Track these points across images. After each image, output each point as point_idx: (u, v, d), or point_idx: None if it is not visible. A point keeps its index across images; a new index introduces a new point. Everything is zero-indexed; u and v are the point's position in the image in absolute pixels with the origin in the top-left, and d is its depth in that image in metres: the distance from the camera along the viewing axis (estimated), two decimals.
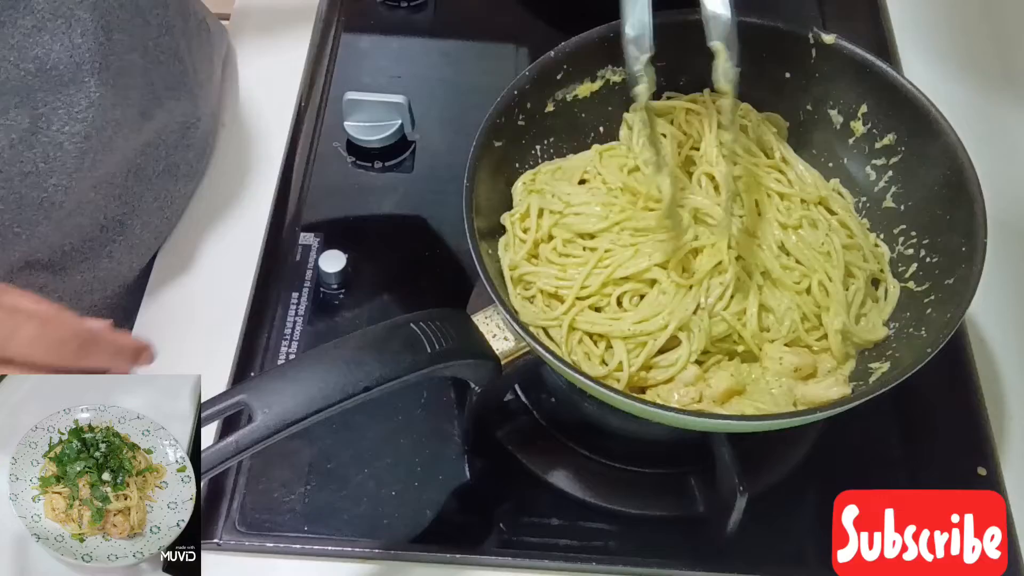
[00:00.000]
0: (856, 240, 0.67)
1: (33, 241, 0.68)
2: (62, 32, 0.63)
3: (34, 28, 0.61)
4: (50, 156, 0.65)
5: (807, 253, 0.64)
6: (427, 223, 0.80)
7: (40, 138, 0.64)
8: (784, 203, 0.67)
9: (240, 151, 0.84)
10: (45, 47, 0.62)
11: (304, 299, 0.75)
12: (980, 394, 0.71)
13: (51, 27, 0.62)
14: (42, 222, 0.67)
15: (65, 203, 0.68)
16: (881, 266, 0.67)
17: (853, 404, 0.57)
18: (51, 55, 0.63)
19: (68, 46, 0.63)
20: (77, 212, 0.70)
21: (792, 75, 0.71)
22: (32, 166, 0.65)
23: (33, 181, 0.65)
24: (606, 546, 0.65)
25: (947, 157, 0.64)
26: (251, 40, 0.91)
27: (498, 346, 0.59)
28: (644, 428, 0.59)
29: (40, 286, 0.71)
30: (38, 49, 0.62)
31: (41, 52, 0.62)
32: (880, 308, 0.66)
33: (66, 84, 0.64)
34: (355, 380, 0.53)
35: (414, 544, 0.65)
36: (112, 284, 0.75)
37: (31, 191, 0.65)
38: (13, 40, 0.61)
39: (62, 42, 0.63)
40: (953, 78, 0.89)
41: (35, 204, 0.66)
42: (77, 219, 0.70)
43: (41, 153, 0.65)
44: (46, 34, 0.62)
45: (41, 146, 0.65)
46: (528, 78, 0.68)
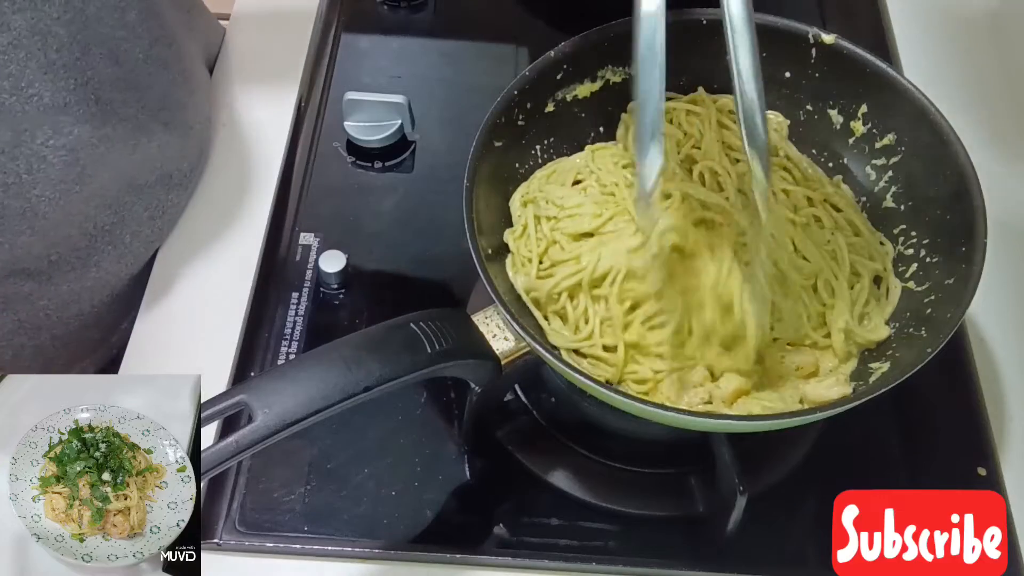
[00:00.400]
0: (863, 238, 0.67)
1: (16, 251, 0.67)
2: (37, 49, 0.62)
3: (9, 45, 0.60)
4: (33, 168, 0.64)
5: (813, 251, 0.64)
6: (427, 223, 0.80)
7: (23, 150, 0.63)
8: (791, 201, 0.67)
9: (240, 151, 0.84)
10: (20, 64, 0.61)
11: (304, 299, 0.75)
12: (980, 394, 0.71)
13: (27, 44, 0.61)
14: (25, 232, 0.66)
15: (50, 214, 0.67)
16: (885, 264, 0.67)
17: (853, 404, 0.57)
18: (25, 73, 0.62)
19: (43, 63, 0.62)
20: (65, 223, 0.69)
21: (792, 75, 0.71)
22: (15, 177, 0.64)
23: (16, 191, 0.64)
24: (606, 546, 0.65)
25: (947, 157, 0.64)
26: (251, 40, 0.91)
27: (498, 346, 0.59)
28: (644, 428, 0.59)
29: (26, 295, 0.70)
30: (12, 67, 0.61)
31: (15, 70, 0.61)
32: (882, 307, 0.66)
33: (46, 104, 0.63)
34: (355, 380, 0.53)
35: (414, 544, 0.65)
36: (100, 293, 0.75)
37: (13, 201, 0.64)
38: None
39: (37, 59, 0.62)
40: (953, 78, 0.89)
41: (17, 214, 0.65)
42: (65, 230, 0.69)
43: (24, 164, 0.64)
44: (21, 51, 0.61)
45: (24, 158, 0.64)
46: (528, 78, 0.68)
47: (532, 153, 0.70)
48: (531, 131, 0.69)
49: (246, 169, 0.83)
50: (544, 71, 0.68)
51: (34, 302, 0.71)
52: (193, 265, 0.77)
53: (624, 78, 0.71)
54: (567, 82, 0.70)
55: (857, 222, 0.68)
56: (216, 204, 0.81)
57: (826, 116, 0.71)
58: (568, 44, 0.69)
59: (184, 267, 0.77)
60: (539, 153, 0.70)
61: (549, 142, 0.71)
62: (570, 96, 0.70)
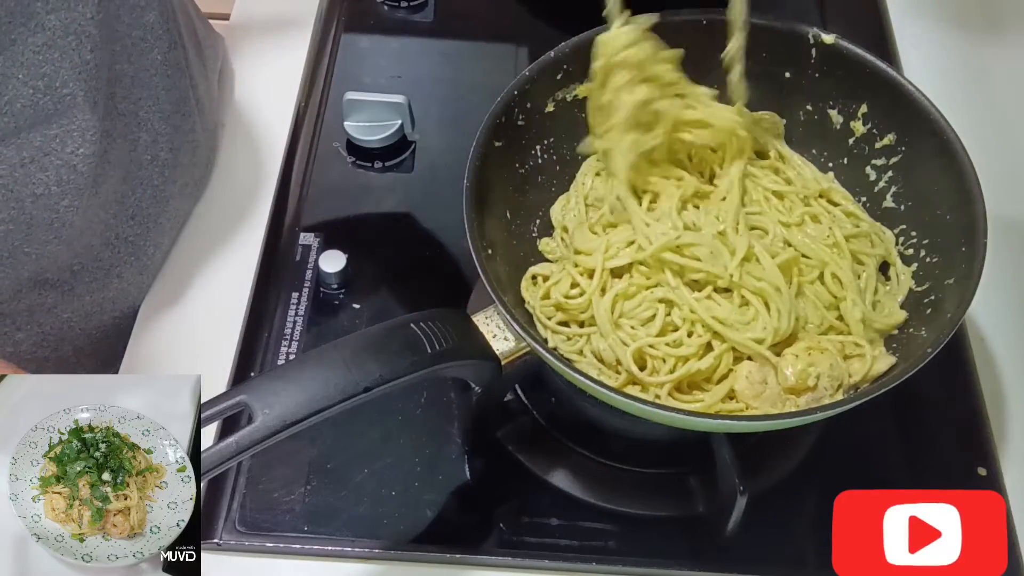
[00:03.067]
0: (863, 228, 0.67)
1: (43, 260, 0.67)
2: (72, 49, 0.62)
3: (44, 46, 0.60)
4: (63, 179, 0.64)
5: (813, 248, 0.64)
6: (427, 223, 0.80)
7: (52, 160, 0.63)
8: (784, 202, 0.67)
9: (240, 151, 0.84)
10: (54, 64, 0.61)
11: (304, 299, 0.75)
12: (980, 394, 0.71)
13: (61, 44, 0.61)
14: (52, 240, 0.66)
15: (76, 222, 0.67)
16: (888, 249, 0.67)
17: (853, 404, 0.57)
18: (60, 73, 0.62)
19: (77, 63, 0.62)
20: (87, 231, 0.69)
21: (792, 75, 0.71)
22: (44, 188, 0.64)
23: (44, 203, 0.64)
24: (606, 546, 0.65)
25: (947, 157, 0.64)
26: (251, 40, 0.91)
27: (498, 346, 0.59)
28: (644, 428, 0.59)
29: (50, 307, 0.70)
30: (47, 67, 0.61)
31: (50, 70, 0.61)
32: (893, 292, 0.66)
33: (78, 103, 0.63)
34: (355, 380, 0.53)
35: (414, 544, 0.65)
36: (121, 305, 0.75)
37: (42, 212, 0.64)
38: (23, 58, 0.60)
39: (71, 60, 0.62)
40: (953, 78, 0.89)
41: (45, 225, 0.65)
42: (87, 238, 0.69)
43: (54, 176, 0.64)
44: (56, 51, 0.61)
45: (54, 168, 0.63)
46: (528, 78, 0.68)
47: (532, 153, 0.70)
48: (531, 131, 0.69)
49: (246, 169, 0.83)
50: (544, 71, 0.68)
51: (57, 314, 0.71)
52: (193, 265, 0.77)
53: None
54: (567, 82, 0.70)
55: (857, 212, 0.68)
56: (216, 204, 0.81)
57: (826, 116, 0.71)
58: (568, 44, 0.69)
59: (184, 267, 0.77)
60: (539, 153, 0.70)
61: (549, 142, 0.71)
62: (570, 96, 0.70)
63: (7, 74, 0.60)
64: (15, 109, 0.61)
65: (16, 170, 0.62)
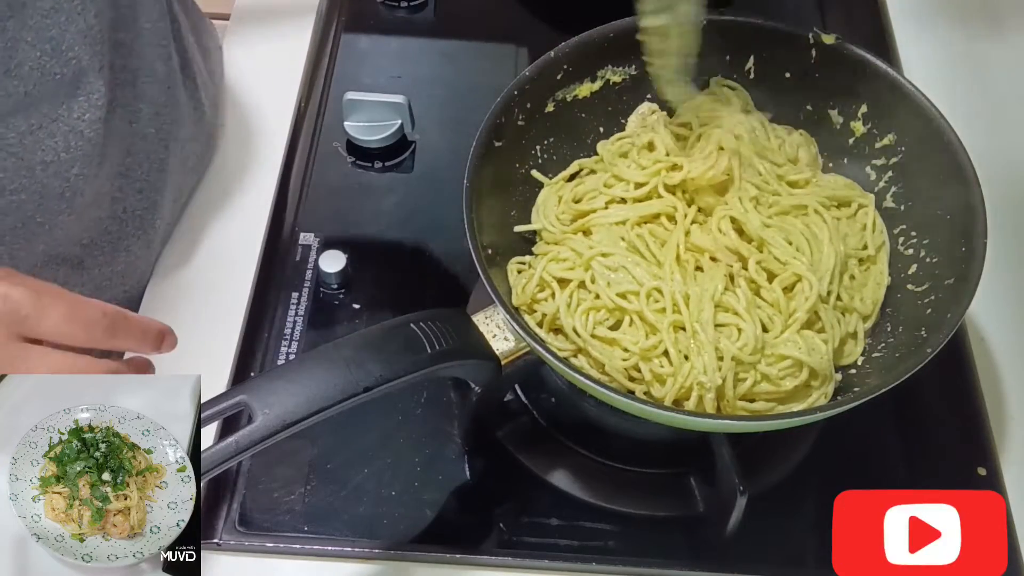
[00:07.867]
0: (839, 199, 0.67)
1: (55, 232, 0.67)
2: (77, 13, 0.62)
3: (51, 9, 0.61)
4: (71, 145, 0.65)
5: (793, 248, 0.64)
6: (427, 223, 0.80)
7: (60, 126, 0.64)
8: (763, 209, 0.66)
9: (240, 151, 0.84)
10: (60, 28, 0.62)
11: (304, 299, 0.75)
12: (980, 394, 0.71)
13: (67, 7, 0.62)
14: (64, 211, 0.67)
15: (86, 191, 0.67)
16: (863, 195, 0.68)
17: (853, 404, 0.57)
18: (65, 36, 0.62)
19: (82, 27, 0.63)
20: (95, 204, 0.69)
21: (792, 75, 0.71)
22: (53, 155, 0.64)
23: (55, 170, 0.65)
24: (606, 546, 0.65)
25: (947, 157, 0.64)
26: (251, 40, 0.91)
27: (498, 346, 0.59)
28: (644, 428, 0.59)
29: (62, 283, 0.70)
30: (54, 30, 0.61)
31: (56, 33, 0.62)
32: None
33: (83, 68, 0.64)
34: (355, 380, 0.53)
35: (414, 544, 0.65)
36: (130, 278, 0.75)
37: (53, 180, 0.65)
38: (32, 21, 0.60)
39: (76, 24, 0.62)
40: (953, 78, 0.89)
41: (57, 194, 0.65)
42: (96, 211, 0.70)
43: (63, 142, 0.64)
44: (62, 15, 0.61)
45: (62, 135, 0.64)
46: (528, 78, 0.68)
47: (532, 153, 0.70)
48: (531, 131, 0.69)
49: (246, 169, 0.83)
50: (544, 71, 0.68)
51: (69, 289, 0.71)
52: (193, 265, 0.77)
53: (624, 78, 0.71)
54: (567, 82, 0.70)
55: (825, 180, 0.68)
56: (216, 204, 0.81)
57: (826, 116, 0.71)
58: (568, 44, 0.69)
59: (184, 267, 0.77)
60: (539, 153, 0.70)
61: (549, 142, 0.71)
62: (570, 96, 0.70)
63: (17, 37, 0.60)
64: (23, 72, 0.61)
65: (25, 137, 0.63)
